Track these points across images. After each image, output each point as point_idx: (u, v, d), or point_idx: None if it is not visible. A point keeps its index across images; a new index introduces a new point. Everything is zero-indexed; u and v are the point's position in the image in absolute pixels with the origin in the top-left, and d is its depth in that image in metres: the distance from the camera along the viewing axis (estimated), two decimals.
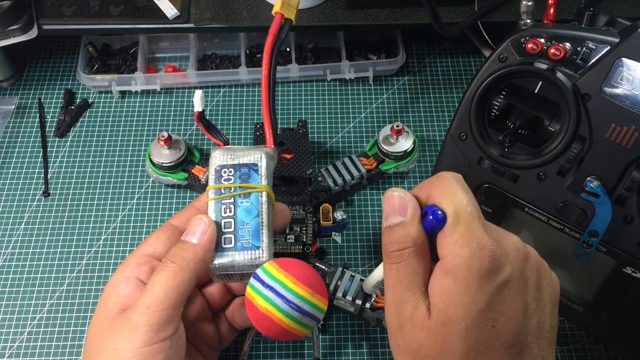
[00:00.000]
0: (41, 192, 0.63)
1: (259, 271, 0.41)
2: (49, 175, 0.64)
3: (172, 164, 0.61)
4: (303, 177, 0.58)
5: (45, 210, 0.62)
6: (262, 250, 0.41)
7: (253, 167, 0.43)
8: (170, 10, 0.66)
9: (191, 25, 0.66)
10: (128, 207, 0.62)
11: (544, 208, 0.49)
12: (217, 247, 0.42)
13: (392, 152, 0.61)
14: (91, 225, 0.61)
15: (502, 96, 0.48)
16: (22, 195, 0.63)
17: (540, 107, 0.47)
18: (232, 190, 0.43)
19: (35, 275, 0.58)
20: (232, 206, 0.42)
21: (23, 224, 0.61)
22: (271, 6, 0.67)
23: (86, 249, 0.60)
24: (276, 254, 0.45)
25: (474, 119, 0.48)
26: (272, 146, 0.46)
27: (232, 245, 0.41)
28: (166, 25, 0.66)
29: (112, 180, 0.64)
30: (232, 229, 0.42)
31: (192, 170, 0.62)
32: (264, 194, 0.43)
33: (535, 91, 0.47)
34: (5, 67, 0.70)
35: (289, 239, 0.55)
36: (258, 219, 0.42)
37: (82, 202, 0.63)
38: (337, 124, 0.68)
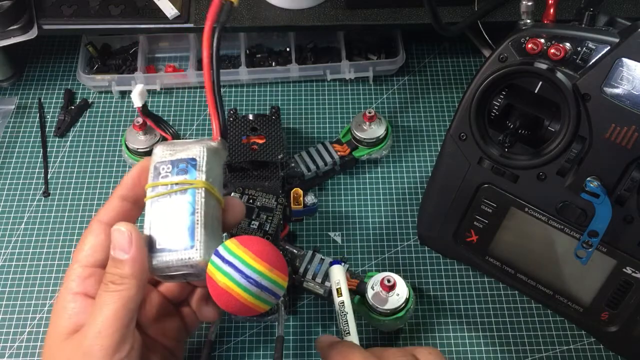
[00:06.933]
0: (41, 192, 0.63)
1: (219, 248, 0.40)
2: (49, 175, 0.64)
3: (148, 149, 0.60)
4: (275, 162, 0.58)
5: (45, 210, 0.62)
6: (196, 249, 0.39)
7: (191, 162, 0.41)
8: (170, 10, 0.66)
9: (191, 25, 0.66)
10: None
11: (544, 208, 0.49)
12: (152, 248, 0.40)
13: (364, 139, 0.62)
14: None
15: (502, 96, 0.48)
16: (22, 195, 0.63)
17: (540, 107, 0.47)
18: (168, 188, 0.41)
19: (35, 275, 0.58)
20: (168, 204, 0.40)
21: (23, 224, 0.61)
22: (271, 6, 0.67)
23: None
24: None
25: (474, 119, 0.48)
26: (218, 139, 0.43)
27: (166, 245, 0.40)
28: (166, 25, 0.66)
29: (112, 180, 0.64)
30: (167, 229, 0.40)
31: None
32: (202, 190, 0.40)
33: (535, 91, 0.47)
34: (5, 67, 0.70)
35: (253, 224, 0.54)
36: (193, 216, 0.40)
37: (82, 202, 0.63)
38: (337, 124, 0.68)
